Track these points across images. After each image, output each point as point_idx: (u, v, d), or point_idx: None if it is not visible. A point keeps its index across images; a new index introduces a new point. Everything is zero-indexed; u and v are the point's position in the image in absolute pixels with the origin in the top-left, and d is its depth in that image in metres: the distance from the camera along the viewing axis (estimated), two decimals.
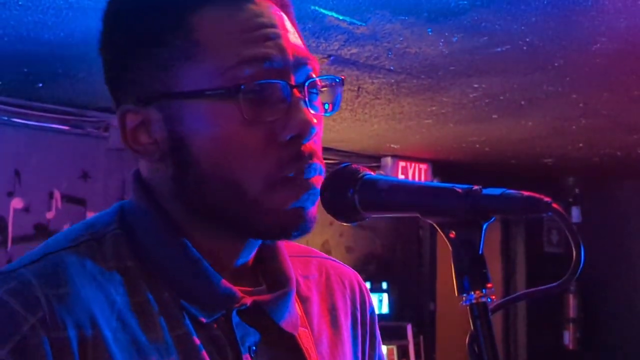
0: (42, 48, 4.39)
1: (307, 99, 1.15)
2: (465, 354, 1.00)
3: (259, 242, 1.24)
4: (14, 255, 5.50)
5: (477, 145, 7.11)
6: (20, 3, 3.73)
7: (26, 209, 5.65)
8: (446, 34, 4.12)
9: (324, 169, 1.18)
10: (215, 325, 1.15)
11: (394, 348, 7.13)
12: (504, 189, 0.98)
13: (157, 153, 1.17)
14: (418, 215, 1.05)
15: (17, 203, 5.61)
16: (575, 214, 9.12)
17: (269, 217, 1.15)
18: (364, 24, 3.96)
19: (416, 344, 7.37)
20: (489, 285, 0.99)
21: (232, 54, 1.13)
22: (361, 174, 1.12)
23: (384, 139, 6.79)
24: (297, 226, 1.16)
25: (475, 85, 5.12)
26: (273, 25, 1.16)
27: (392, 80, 4.97)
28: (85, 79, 5.02)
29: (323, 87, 1.21)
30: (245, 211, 1.14)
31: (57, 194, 5.79)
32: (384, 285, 7.55)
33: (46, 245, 1.16)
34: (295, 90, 1.14)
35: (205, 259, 1.16)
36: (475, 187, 1.00)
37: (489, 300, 0.98)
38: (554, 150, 7.32)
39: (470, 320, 0.99)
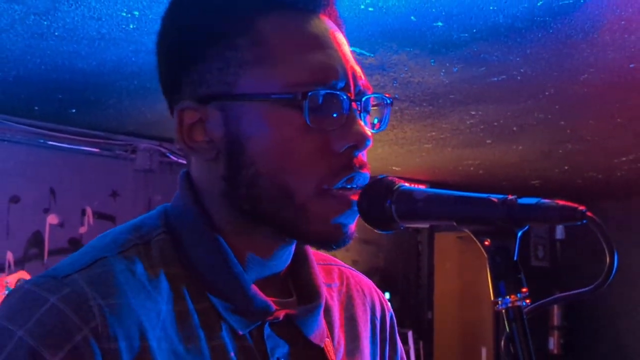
0: (76, 76, 4.37)
1: (362, 114, 1.12)
2: (459, 358, 0.95)
3: (293, 251, 1.19)
4: (49, 267, 5.47)
5: (472, 168, 7.09)
6: (56, 34, 3.71)
7: (61, 225, 5.64)
8: (447, 64, 4.10)
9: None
10: (248, 337, 1.10)
11: None
12: (539, 199, 0.94)
13: (211, 152, 1.11)
14: (454, 223, 1.01)
15: (52, 219, 5.61)
16: (559, 231, 9.12)
17: (315, 226, 1.10)
18: (372, 55, 3.94)
19: (416, 349, 7.36)
20: (524, 289, 0.95)
21: (301, 62, 1.08)
22: (397, 185, 1.07)
23: (387, 161, 6.77)
24: (338, 239, 1.11)
25: (472, 112, 5.09)
26: (336, 41, 1.13)
27: (397, 108, 4.94)
28: (115, 105, 5.01)
29: (374, 105, 1.18)
30: (293, 215, 1.09)
31: (89, 211, 5.78)
32: (387, 295, 7.53)
33: (95, 248, 1.10)
34: (353, 104, 1.11)
35: (243, 265, 1.11)
36: (510, 197, 0.96)
37: (524, 304, 0.94)
38: (541, 172, 7.29)
39: (506, 323, 0.94)
